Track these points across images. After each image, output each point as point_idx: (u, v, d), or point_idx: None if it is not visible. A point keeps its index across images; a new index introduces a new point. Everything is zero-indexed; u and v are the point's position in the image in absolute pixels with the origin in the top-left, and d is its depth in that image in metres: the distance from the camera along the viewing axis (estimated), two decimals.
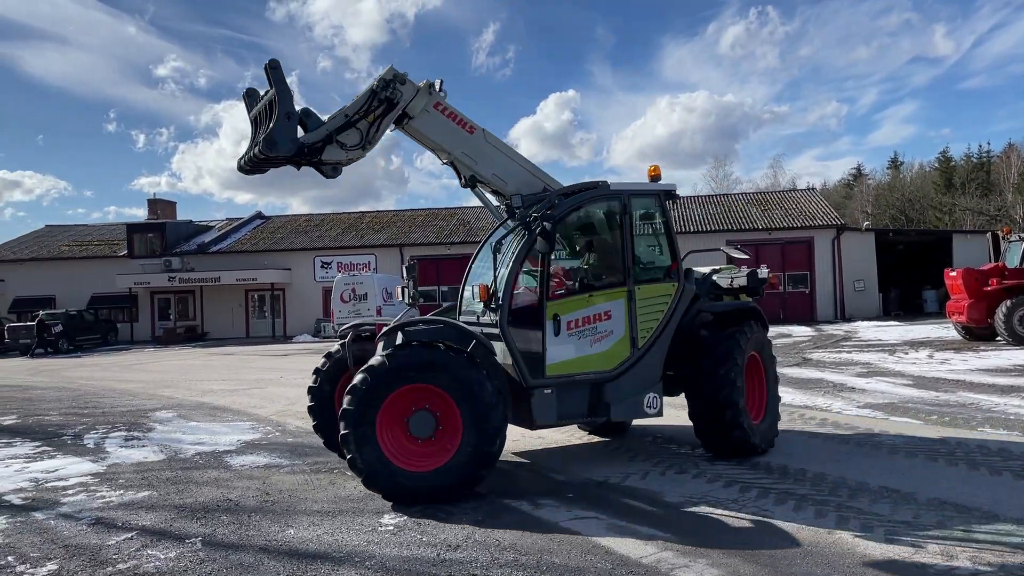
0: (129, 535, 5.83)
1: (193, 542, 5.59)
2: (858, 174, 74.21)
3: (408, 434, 6.36)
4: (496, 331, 6.94)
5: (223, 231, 43.54)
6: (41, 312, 34.09)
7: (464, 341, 6.56)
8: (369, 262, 37.83)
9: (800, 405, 10.76)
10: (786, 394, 11.70)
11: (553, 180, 7.78)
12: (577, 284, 7.50)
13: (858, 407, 10.41)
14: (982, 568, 4.54)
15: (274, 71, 6.85)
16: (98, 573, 5.00)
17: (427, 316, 7.37)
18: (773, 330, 29.11)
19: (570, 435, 9.19)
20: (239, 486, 7.35)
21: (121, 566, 5.11)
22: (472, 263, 8.16)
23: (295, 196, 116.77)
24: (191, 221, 45.71)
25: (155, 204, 47.59)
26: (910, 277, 37.38)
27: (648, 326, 7.28)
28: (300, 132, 6.96)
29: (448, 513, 6.05)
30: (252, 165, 7.21)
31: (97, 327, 36.14)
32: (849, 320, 31.65)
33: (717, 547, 5.09)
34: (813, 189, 47.32)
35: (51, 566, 5.17)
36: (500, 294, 6.92)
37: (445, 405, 6.29)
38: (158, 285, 38.14)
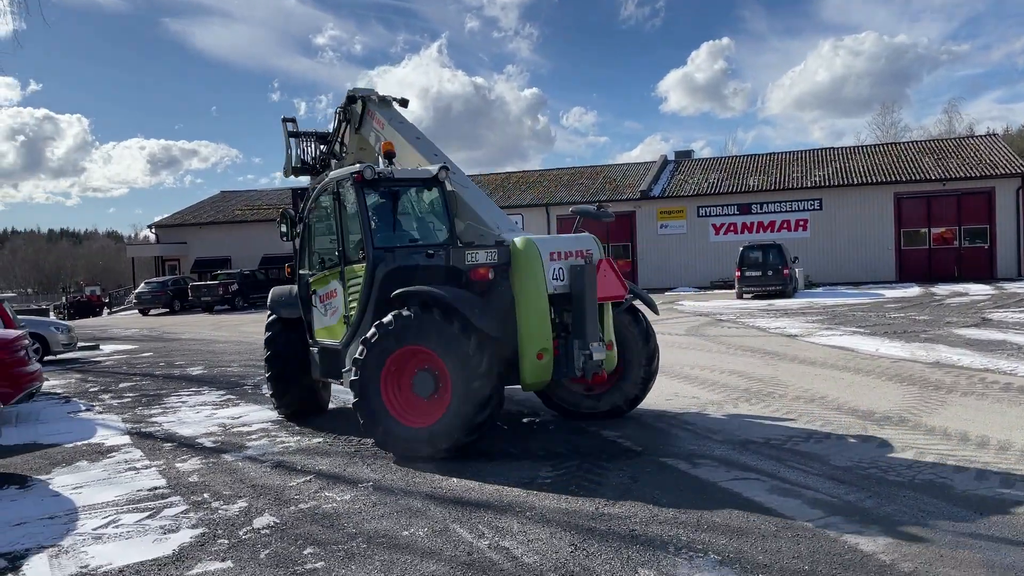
0: (307, 478, 6.28)
1: (365, 486, 5.95)
2: None
3: None
4: None
5: None
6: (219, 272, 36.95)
7: None
8: (516, 222, 37.95)
9: (980, 368, 9.99)
10: (964, 356, 10.93)
11: (447, 159, 8.60)
12: (320, 265, 8.33)
13: None
14: None
15: (283, 124, 10.39)
16: (283, 511, 5.42)
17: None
18: (946, 288, 26.83)
19: (726, 396, 9.01)
20: None
21: (303, 505, 5.52)
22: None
23: None
24: None
25: None
26: None
27: (353, 305, 7.58)
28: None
29: (604, 469, 6.11)
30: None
31: (268, 286, 38.34)
32: None
33: (891, 514, 4.85)
34: (994, 135, 43.16)
35: (241, 503, 5.66)
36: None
37: None
38: None
